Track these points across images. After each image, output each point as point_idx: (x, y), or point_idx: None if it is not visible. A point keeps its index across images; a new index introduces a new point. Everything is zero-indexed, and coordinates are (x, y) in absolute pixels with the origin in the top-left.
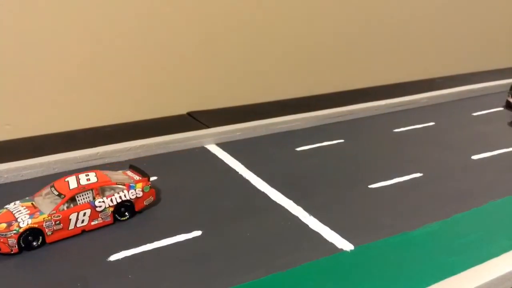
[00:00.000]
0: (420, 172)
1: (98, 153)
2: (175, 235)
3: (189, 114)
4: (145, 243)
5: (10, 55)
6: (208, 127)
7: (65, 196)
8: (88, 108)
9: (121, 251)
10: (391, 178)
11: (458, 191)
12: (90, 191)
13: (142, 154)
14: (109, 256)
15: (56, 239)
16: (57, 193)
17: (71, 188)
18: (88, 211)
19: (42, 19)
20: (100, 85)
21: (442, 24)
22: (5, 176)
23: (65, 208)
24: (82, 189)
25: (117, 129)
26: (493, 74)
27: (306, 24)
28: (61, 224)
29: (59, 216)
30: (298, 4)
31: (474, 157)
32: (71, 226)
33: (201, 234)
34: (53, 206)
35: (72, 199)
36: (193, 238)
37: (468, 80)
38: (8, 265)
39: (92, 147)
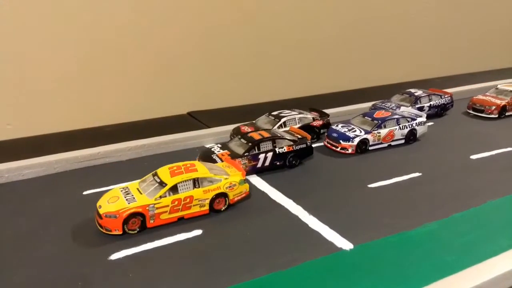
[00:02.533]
0: (419, 172)
1: (99, 152)
2: (175, 234)
3: (190, 114)
4: (145, 242)
5: (10, 55)
6: (208, 127)
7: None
8: (89, 108)
9: (122, 250)
10: (390, 178)
11: (457, 190)
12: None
13: (143, 154)
14: (110, 255)
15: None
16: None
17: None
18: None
19: (42, 20)
20: (100, 85)
21: (442, 24)
22: (6, 175)
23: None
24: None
25: (117, 129)
26: (492, 74)
27: (306, 25)
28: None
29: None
30: (298, 6)
31: (473, 157)
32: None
33: (202, 233)
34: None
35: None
36: (194, 237)
37: (467, 80)
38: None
39: (93, 146)
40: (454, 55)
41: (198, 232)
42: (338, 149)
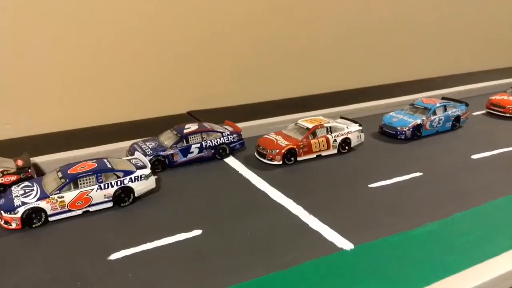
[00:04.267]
0: (420, 172)
1: (99, 152)
2: (175, 234)
3: (190, 113)
4: (145, 242)
5: (10, 55)
6: None
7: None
8: (89, 108)
9: (121, 250)
10: (391, 178)
11: (458, 190)
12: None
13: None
14: (109, 255)
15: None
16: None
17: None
18: None
19: (42, 20)
20: (100, 84)
21: (442, 24)
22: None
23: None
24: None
25: (117, 128)
26: (492, 74)
27: (306, 25)
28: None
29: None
30: (297, 5)
31: (474, 156)
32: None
33: (201, 233)
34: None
35: None
36: (193, 237)
37: (467, 79)
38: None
39: (93, 146)
40: (454, 55)
41: (198, 232)
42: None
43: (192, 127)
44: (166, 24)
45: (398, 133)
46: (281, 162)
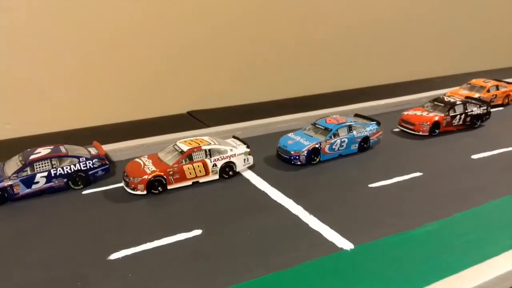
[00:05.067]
0: (420, 172)
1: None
2: (175, 234)
3: (189, 113)
4: (145, 242)
5: (10, 55)
6: (208, 126)
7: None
8: (88, 108)
9: (121, 250)
10: (391, 178)
11: (458, 190)
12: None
13: (143, 153)
14: (109, 255)
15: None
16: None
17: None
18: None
19: (42, 19)
20: (100, 84)
21: (441, 24)
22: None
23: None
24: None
25: (117, 128)
26: (492, 74)
27: (305, 25)
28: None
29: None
30: (297, 5)
31: (474, 156)
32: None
33: (201, 233)
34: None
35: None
36: (193, 237)
37: (467, 80)
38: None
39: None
40: (454, 55)
41: (198, 232)
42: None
43: (43, 151)
44: (166, 24)
45: (292, 158)
46: (145, 192)
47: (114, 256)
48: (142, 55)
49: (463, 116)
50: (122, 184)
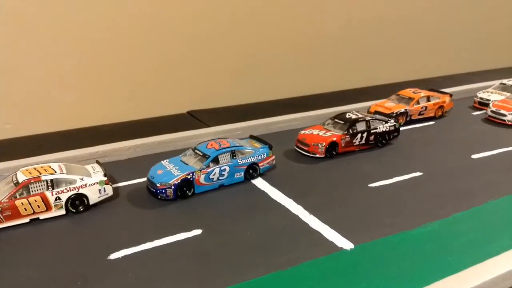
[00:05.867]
0: (420, 171)
1: (98, 151)
2: (175, 233)
3: (190, 113)
4: (145, 242)
5: (10, 55)
6: (208, 126)
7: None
8: (88, 107)
9: (121, 249)
10: (391, 177)
11: (458, 190)
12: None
13: (142, 153)
14: (109, 254)
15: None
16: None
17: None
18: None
19: (41, 19)
20: (100, 84)
21: (441, 24)
22: (5, 175)
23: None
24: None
25: (117, 128)
26: (492, 73)
27: (305, 25)
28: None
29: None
30: (297, 5)
31: (474, 156)
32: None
33: (201, 233)
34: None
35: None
36: (193, 236)
37: (467, 79)
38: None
39: (92, 146)
40: (454, 55)
41: (198, 232)
42: None
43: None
44: (166, 24)
45: (158, 191)
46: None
47: (114, 256)
48: (142, 55)
49: (365, 134)
50: (120, 184)
